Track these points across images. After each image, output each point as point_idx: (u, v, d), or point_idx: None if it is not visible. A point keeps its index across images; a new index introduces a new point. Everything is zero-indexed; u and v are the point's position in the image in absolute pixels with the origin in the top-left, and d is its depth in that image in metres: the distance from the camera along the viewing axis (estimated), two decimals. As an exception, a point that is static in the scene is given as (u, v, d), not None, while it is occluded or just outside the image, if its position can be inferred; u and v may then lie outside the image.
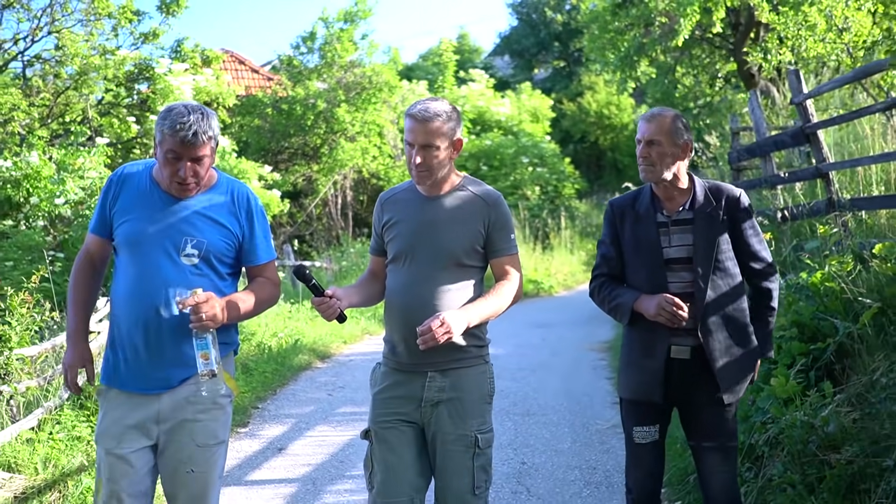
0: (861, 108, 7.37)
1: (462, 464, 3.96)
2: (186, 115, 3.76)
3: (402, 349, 4.05)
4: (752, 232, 4.22)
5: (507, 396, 9.36)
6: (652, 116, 4.19)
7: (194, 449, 3.88)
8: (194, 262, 3.89)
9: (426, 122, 3.92)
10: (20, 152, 17.98)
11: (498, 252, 4.07)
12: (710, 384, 4.13)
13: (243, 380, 9.88)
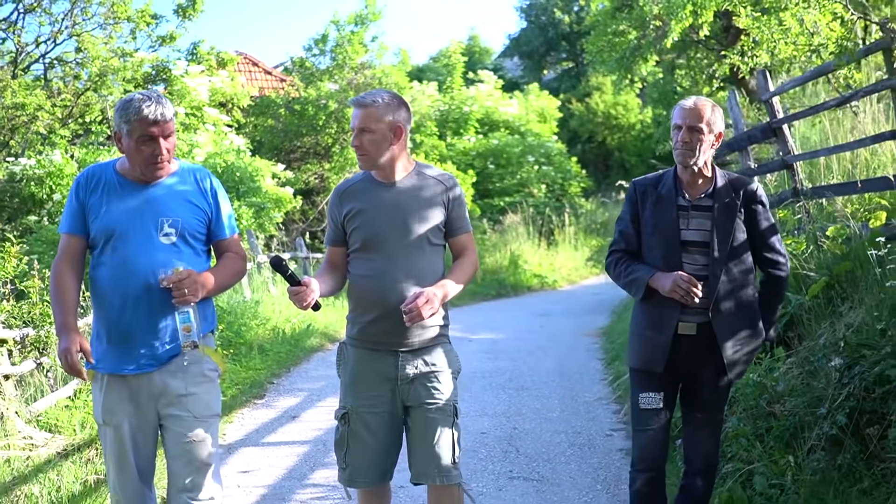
0: (817, 105, 8.06)
1: (446, 432, 4.17)
2: (149, 99, 3.97)
3: (375, 330, 4.18)
4: (766, 224, 4.43)
5: (503, 373, 10.07)
6: (694, 104, 4.34)
7: (191, 420, 4.05)
8: (172, 240, 4.05)
9: (363, 107, 4.15)
10: (43, 151, 18.71)
11: (457, 230, 4.31)
12: (713, 361, 4.35)
13: (259, 359, 10.66)
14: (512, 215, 24.75)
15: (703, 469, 4.53)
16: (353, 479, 4.27)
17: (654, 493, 4.50)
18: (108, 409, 4.07)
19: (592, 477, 6.56)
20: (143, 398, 4.05)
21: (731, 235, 4.33)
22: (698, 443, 4.51)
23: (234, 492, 6.35)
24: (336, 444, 4.33)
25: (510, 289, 20.47)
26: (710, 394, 4.44)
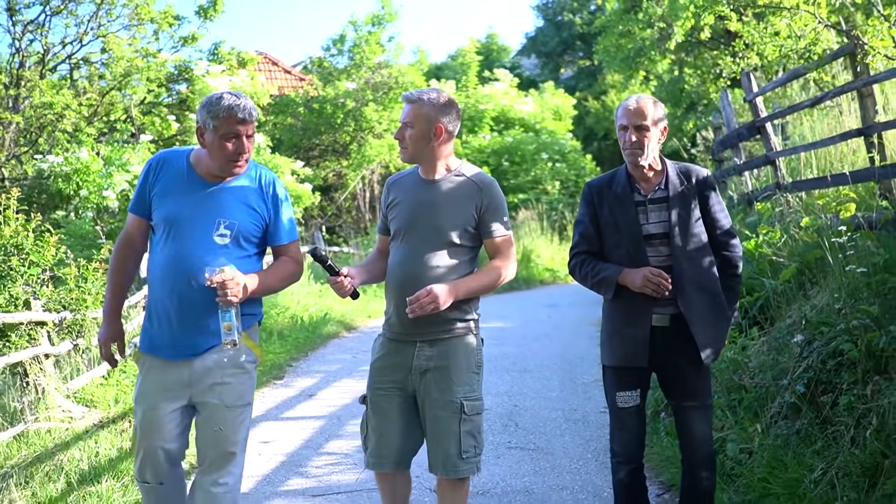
0: (794, 105, 8.62)
1: (449, 429, 4.25)
2: (238, 98, 4.12)
3: (394, 320, 4.36)
4: (718, 207, 4.52)
5: (507, 358, 10.68)
6: (636, 103, 4.40)
7: (223, 409, 4.16)
8: (226, 241, 4.16)
9: (410, 102, 4.34)
10: (69, 148, 19.32)
11: (490, 233, 4.35)
12: (689, 348, 4.39)
13: (279, 344, 11.34)
14: (525, 211, 25.29)
15: (705, 460, 4.56)
16: (369, 461, 4.44)
17: (638, 483, 4.60)
18: (144, 392, 4.23)
19: (583, 447, 7.15)
20: (179, 384, 4.18)
21: (689, 223, 4.40)
22: (696, 434, 4.54)
23: (255, 459, 6.96)
24: (360, 427, 4.53)
25: (522, 282, 21.03)
26: (694, 381, 4.48)
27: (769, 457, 5.55)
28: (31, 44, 21.11)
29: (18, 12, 20.60)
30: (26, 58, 20.67)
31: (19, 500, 5.78)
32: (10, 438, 7.06)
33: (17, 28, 20.64)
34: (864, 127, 7.03)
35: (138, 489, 4.51)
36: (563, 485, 6.28)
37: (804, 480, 5.10)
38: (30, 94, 19.72)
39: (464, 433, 4.26)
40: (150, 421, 4.18)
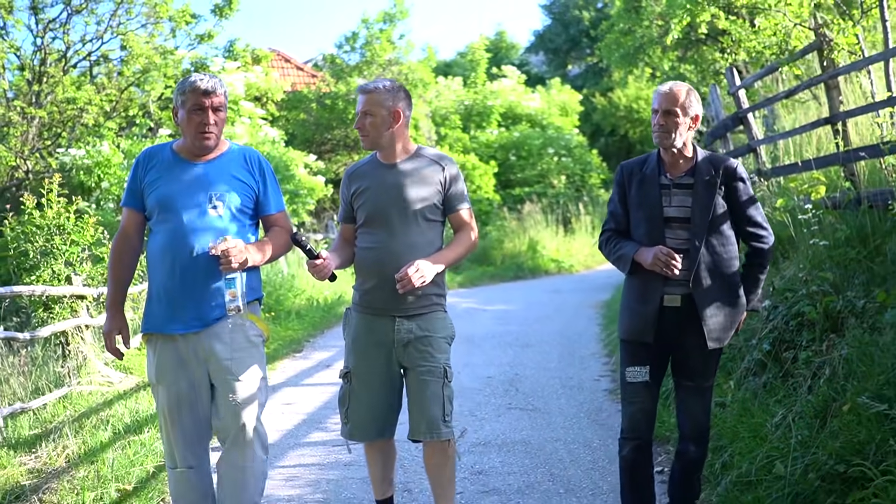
0: (770, 97, 9.31)
1: (435, 392, 4.51)
2: (203, 75, 4.39)
3: (374, 297, 4.55)
4: (747, 199, 4.58)
5: (511, 335, 11.41)
6: (669, 89, 4.50)
7: (236, 383, 4.30)
8: (220, 212, 4.33)
9: (366, 93, 4.56)
10: (91, 142, 20.03)
11: (455, 207, 4.65)
12: (698, 331, 4.50)
13: (297, 322, 12.13)
14: (531, 204, 25.93)
15: (696, 435, 4.69)
16: (352, 433, 4.66)
17: (641, 460, 4.67)
18: (161, 370, 4.36)
19: (577, 408, 7.86)
20: (193, 360, 4.31)
21: (710, 211, 4.47)
22: (689, 410, 4.68)
23: (279, 417, 7.71)
24: (339, 401, 4.76)
25: (528, 272, 21.70)
26: (697, 362, 4.59)
27: (739, 408, 6.24)
28: (53, 41, 21.75)
29: (41, 11, 21.26)
30: (48, 55, 21.29)
31: (73, 445, 6.52)
32: (56, 400, 7.81)
33: (39, 26, 21.27)
34: (831, 116, 7.72)
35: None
36: (557, 437, 6.99)
37: (766, 424, 5.79)
38: (52, 90, 20.37)
39: (445, 397, 4.53)
40: (174, 398, 4.34)
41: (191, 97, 4.31)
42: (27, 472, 6.13)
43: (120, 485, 5.77)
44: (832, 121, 7.65)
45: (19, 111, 19.87)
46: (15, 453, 6.51)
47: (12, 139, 20.16)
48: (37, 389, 8.02)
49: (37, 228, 9.13)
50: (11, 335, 7.53)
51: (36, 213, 9.25)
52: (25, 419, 7.41)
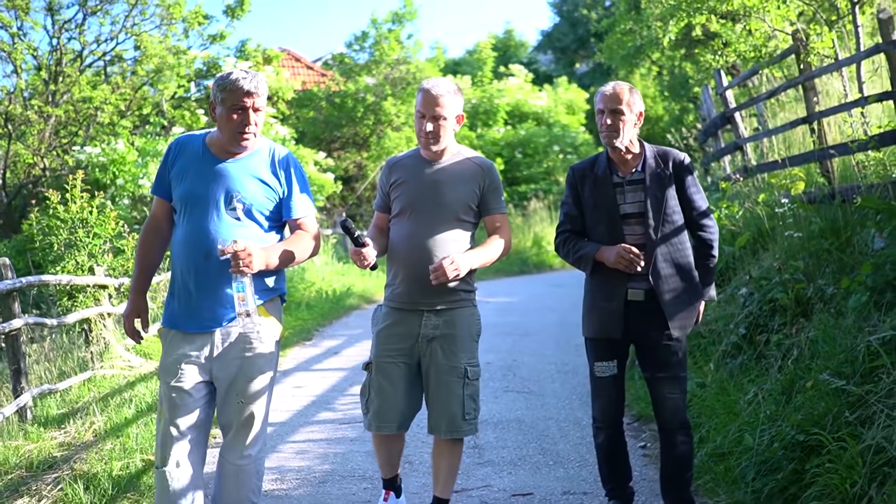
0: (754, 97, 9.79)
1: (454, 392, 4.56)
2: (246, 73, 4.23)
3: (402, 290, 4.60)
4: (694, 189, 4.72)
5: (511, 325, 11.93)
6: (613, 89, 4.60)
7: (244, 382, 4.24)
8: (239, 214, 4.24)
9: (437, 96, 4.49)
10: (106, 140, 20.53)
11: (491, 210, 4.68)
12: (663, 323, 4.64)
13: (307, 312, 12.70)
14: (536, 201, 26.39)
15: (679, 426, 4.79)
16: (371, 424, 4.70)
17: (615, 444, 4.89)
18: (168, 365, 4.27)
19: (570, 391, 8.37)
20: (202, 357, 4.23)
21: (663, 204, 4.61)
22: (667, 401, 4.77)
23: (290, 399, 8.23)
24: (361, 392, 4.78)
25: (533, 267, 22.20)
26: (666, 353, 4.69)
27: (717, 387, 6.73)
28: (69, 42, 22.21)
29: (58, 12, 21.75)
30: (63, 55, 21.75)
31: (99, 422, 7.04)
32: (81, 382, 8.34)
33: (55, 27, 21.75)
34: (807, 116, 8.20)
35: None
36: (549, 416, 7.50)
37: (739, 401, 6.28)
38: (69, 90, 20.88)
39: (466, 396, 4.58)
40: (176, 394, 4.23)
41: (231, 95, 4.19)
42: (58, 445, 6.65)
43: (144, 455, 6.28)
44: (808, 120, 8.14)
45: (37, 110, 20.41)
46: (45, 430, 7.04)
47: (30, 137, 20.71)
48: (62, 373, 8.55)
49: (61, 222, 9.66)
50: (41, 321, 8.04)
51: (60, 208, 9.78)
52: (53, 400, 7.94)
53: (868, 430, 4.78)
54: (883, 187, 6.41)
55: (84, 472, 5.95)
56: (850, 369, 5.42)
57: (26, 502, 5.55)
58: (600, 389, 4.81)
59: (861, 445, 4.67)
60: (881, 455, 4.55)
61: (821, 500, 4.64)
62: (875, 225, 6.46)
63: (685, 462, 4.86)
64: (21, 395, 7.43)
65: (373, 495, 5.64)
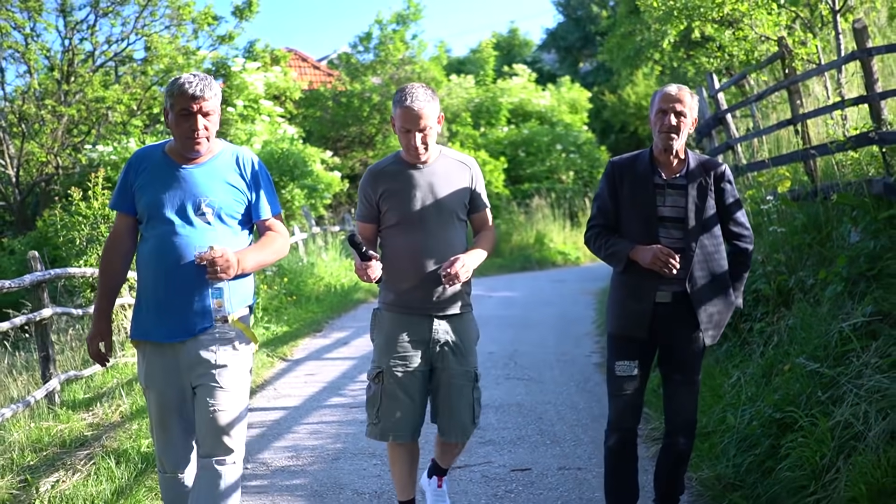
0: (742, 101, 10.24)
1: (467, 396, 4.60)
2: (194, 77, 4.10)
3: (413, 296, 4.52)
4: (733, 201, 4.68)
5: (513, 317, 12.42)
6: (679, 90, 4.53)
7: (220, 391, 4.15)
8: (209, 219, 4.14)
9: (418, 110, 4.37)
10: (117, 139, 20.99)
11: (479, 207, 4.70)
12: (688, 326, 4.60)
13: (317, 306, 13.19)
14: (539, 199, 26.83)
15: (684, 428, 4.78)
16: (385, 433, 4.59)
17: (627, 451, 4.76)
18: (150, 376, 4.20)
19: (568, 378, 8.83)
20: (180, 367, 4.16)
21: (703, 212, 4.55)
22: (679, 403, 4.75)
23: (303, 386, 8.70)
24: (368, 402, 4.64)
25: (535, 263, 22.64)
26: (687, 357, 4.67)
27: (704, 373, 7.18)
28: (81, 42, 22.65)
29: (70, 14, 22.21)
30: (75, 55, 22.20)
31: (125, 405, 7.52)
32: (104, 369, 8.81)
33: (66, 28, 22.19)
34: (792, 118, 8.65)
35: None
36: (548, 401, 7.96)
37: (724, 385, 6.74)
38: (81, 89, 21.34)
39: (475, 400, 4.65)
40: (164, 403, 4.21)
41: (178, 101, 4.09)
42: (87, 426, 7.13)
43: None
44: (793, 122, 8.59)
45: (50, 109, 20.89)
46: (73, 412, 7.51)
47: (43, 136, 21.18)
48: (86, 361, 9.02)
49: (83, 218, 10.13)
50: (67, 310, 8.52)
51: (82, 205, 10.26)
52: (78, 386, 8.42)
53: (838, 408, 5.21)
54: (858, 185, 6.85)
55: (114, 448, 6.43)
56: (823, 353, 5.88)
57: (62, 475, 6.00)
58: (618, 389, 4.70)
59: (831, 422, 5.10)
60: (849, 430, 4.98)
61: (793, 472, 5.06)
62: (851, 220, 6.92)
63: (684, 459, 4.88)
64: (49, 381, 7.89)
65: (382, 470, 6.09)
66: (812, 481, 4.86)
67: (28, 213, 22.21)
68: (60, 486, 5.77)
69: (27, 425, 7.05)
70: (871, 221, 6.59)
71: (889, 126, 6.98)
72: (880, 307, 5.82)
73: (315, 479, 6.06)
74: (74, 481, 5.81)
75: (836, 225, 7.37)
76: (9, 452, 6.44)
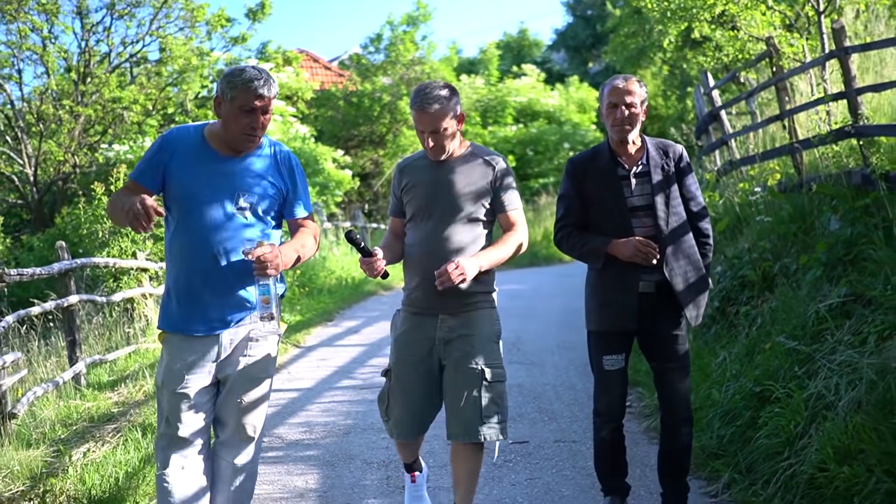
0: (734, 98, 10.68)
1: (471, 395, 4.37)
2: (259, 73, 4.01)
3: (419, 294, 4.47)
4: (691, 180, 4.72)
5: (518, 308, 12.85)
6: (626, 81, 4.54)
7: (247, 382, 4.17)
8: (246, 214, 4.08)
9: (431, 112, 4.30)
10: (133, 138, 21.47)
11: (504, 208, 4.49)
12: (672, 314, 4.63)
13: (329, 297, 13.73)
14: (546, 196, 27.22)
15: (684, 417, 4.78)
16: (392, 431, 4.67)
17: (617, 440, 4.82)
18: (172, 372, 4.11)
19: (568, 362, 9.28)
20: (208, 360, 4.11)
21: (670, 196, 4.58)
22: (675, 392, 4.74)
23: (314, 370, 9.17)
24: (379, 399, 4.69)
25: (542, 259, 23.06)
26: (674, 345, 4.68)
27: (693, 354, 7.59)
28: (97, 44, 23.08)
29: (86, 16, 22.65)
30: (91, 57, 22.63)
31: (148, 385, 7.99)
32: (127, 354, 9.29)
33: (83, 30, 22.64)
34: (780, 113, 9.08)
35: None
36: (547, 382, 8.40)
37: (711, 364, 7.17)
38: (98, 90, 21.77)
39: (485, 399, 4.39)
40: (179, 401, 4.10)
41: (242, 95, 3.99)
42: (113, 404, 7.62)
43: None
44: (781, 117, 9.02)
45: (68, 109, 21.34)
46: (99, 392, 7.98)
47: (61, 135, 21.63)
48: (109, 347, 9.50)
49: (105, 212, 10.62)
50: (92, 298, 9.00)
51: (105, 199, 10.74)
52: (103, 370, 8.90)
53: (812, 382, 5.65)
54: (839, 176, 7.27)
55: (140, 422, 6.89)
56: (801, 332, 6.32)
57: (91, 446, 6.47)
58: (608, 383, 4.73)
59: (806, 394, 5.53)
60: (821, 401, 5.41)
61: (770, 440, 5.49)
62: (831, 209, 7.34)
63: (686, 451, 4.86)
64: (76, 363, 8.36)
65: (390, 444, 6.49)
66: (786, 447, 5.26)
67: (45, 211, 22.65)
68: (91, 455, 6.23)
69: (56, 404, 7.53)
70: (849, 210, 7.02)
71: (866, 120, 7.41)
72: (854, 289, 6.25)
73: (327, 450, 6.50)
74: (104, 451, 6.27)
75: (818, 214, 7.79)
76: (41, 427, 6.91)
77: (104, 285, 10.42)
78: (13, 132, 21.88)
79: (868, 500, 4.39)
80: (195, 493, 4.19)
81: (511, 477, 5.87)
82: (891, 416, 4.81)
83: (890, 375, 5.07)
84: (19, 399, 6.98)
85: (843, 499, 4.55)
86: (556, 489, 5.61)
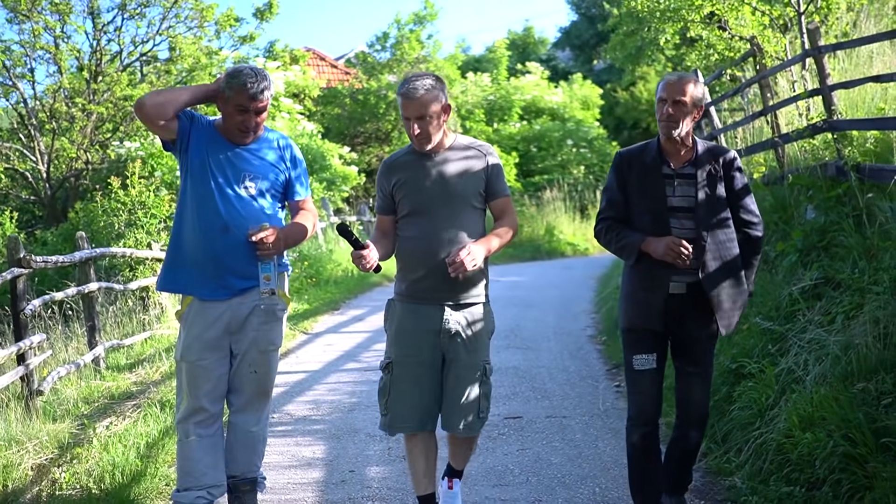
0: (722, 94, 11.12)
1: (472, 390, 4.48)
2: (255, 76, 4.39)
3: (423, 286, 4.45)
4: (743, 188, 4.57)
5: (518, 298, 13.34)
6: (678, 79, 4.46)
7: (257, 354, 4.56)
8: (252, 192, 4.50)
9: (414, 98, 4.33)
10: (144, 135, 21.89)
11: (497, 194, 4.55)
12: (702, 317, 4.53)
13: (335, 287, 14.21)
14: (549, 191, 27.59)
15: (697, 420, 4.73)
16: (393, 424, 4.56)
17: (650, 446, 4.64)
18: (189, 345, 4.50)
19: (563, 347, 9.73)
20: (221, 330, 4.49)
21: (713, 200, 4.46)
22: (693, 396, 4.68)
23: (321, 354, 9.65)
24: (379, 392, 4.60)
25: (545, 253, 23.47)
26: (701, 348, 4.61)
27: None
28: (108, 43, 23.49)
29: (98, 16, 23.07)
30: (103, 56, 23.04)
31: (164, 367, 8.46)
32: (143, 340, 9.77)
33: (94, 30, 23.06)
34: (763, 109, 9.52)
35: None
36: (542, 365, 8.85)
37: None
38: (109, 88, 22.19)
39: (482, 395, 4.53)
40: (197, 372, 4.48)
41: (237, 96, 4.39)
42: (132, 384, 8.09)
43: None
44: (764, 113, 9.46)
45: (80, 107, 21.78)
46: (118, 374, 8.46)
47: (73, 132, 22.07)
48: (126, 333, 9.98)
49: (121, 205, 11.11)
50: (110, 285, 9.49)
51: (120, 192, 11.24)
52: (121, 354, 9.37)
53: (784, 359, 6.10)
54: (814, 168, 7.71)
55: (158, 399, 7.36)
56: (776, 313, 6.78)
57: (112, 420, 6.95)
58: (638, 384, 4.62)
59: (777, 369, 5.98)
60: (791, 375, 5.86)
61: (743, 412, 5.93)
62: (807, 199, 7.79)
63: (695, 451, 4.86)
64: (95, 347, 8.83)
65: (392, 418, 6.99)
66: (758, 419, 5.71)
67: (58, 206, 23.08)
68: (113, 427, 6.71)
69: (78, 384, 8.00)
70: (824, 200, 7.46)
71: (839, 115, 7.85)
72: (826, 273, 6.70)
73: (333, 425, 6.96)
74: (125, 424, 6.74)
75: (797, 205, 8.22)
76: (65, 404, 7.39)
77: (120, 275, 10.89)
78: (26, 130, 22.29)
79: (827, 461, 4.81)
80: (213, 459, 4.59)
81: (504, 448, 6.30)
82: (851, 387, 5.26)
83: (851, 350, 5.52)
84: (44, 378, 7.44)
85: (805, 462, 4.97)
86: (546, 458, 6.04)
